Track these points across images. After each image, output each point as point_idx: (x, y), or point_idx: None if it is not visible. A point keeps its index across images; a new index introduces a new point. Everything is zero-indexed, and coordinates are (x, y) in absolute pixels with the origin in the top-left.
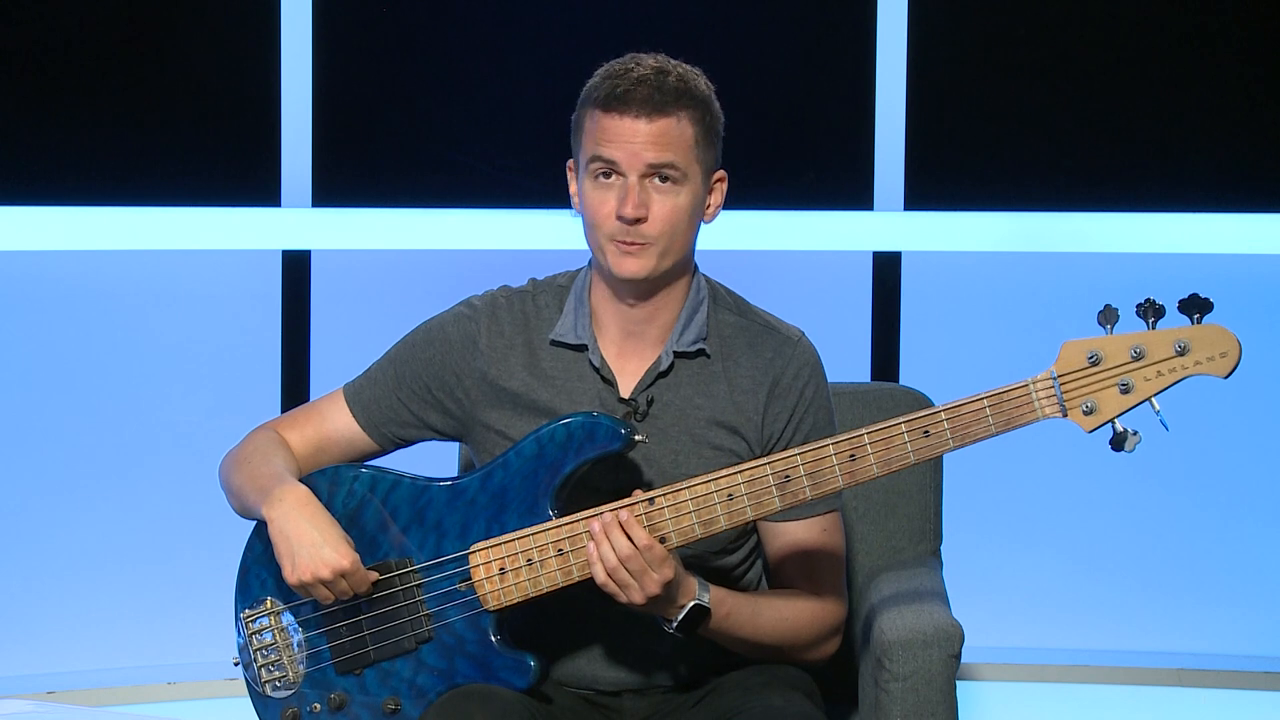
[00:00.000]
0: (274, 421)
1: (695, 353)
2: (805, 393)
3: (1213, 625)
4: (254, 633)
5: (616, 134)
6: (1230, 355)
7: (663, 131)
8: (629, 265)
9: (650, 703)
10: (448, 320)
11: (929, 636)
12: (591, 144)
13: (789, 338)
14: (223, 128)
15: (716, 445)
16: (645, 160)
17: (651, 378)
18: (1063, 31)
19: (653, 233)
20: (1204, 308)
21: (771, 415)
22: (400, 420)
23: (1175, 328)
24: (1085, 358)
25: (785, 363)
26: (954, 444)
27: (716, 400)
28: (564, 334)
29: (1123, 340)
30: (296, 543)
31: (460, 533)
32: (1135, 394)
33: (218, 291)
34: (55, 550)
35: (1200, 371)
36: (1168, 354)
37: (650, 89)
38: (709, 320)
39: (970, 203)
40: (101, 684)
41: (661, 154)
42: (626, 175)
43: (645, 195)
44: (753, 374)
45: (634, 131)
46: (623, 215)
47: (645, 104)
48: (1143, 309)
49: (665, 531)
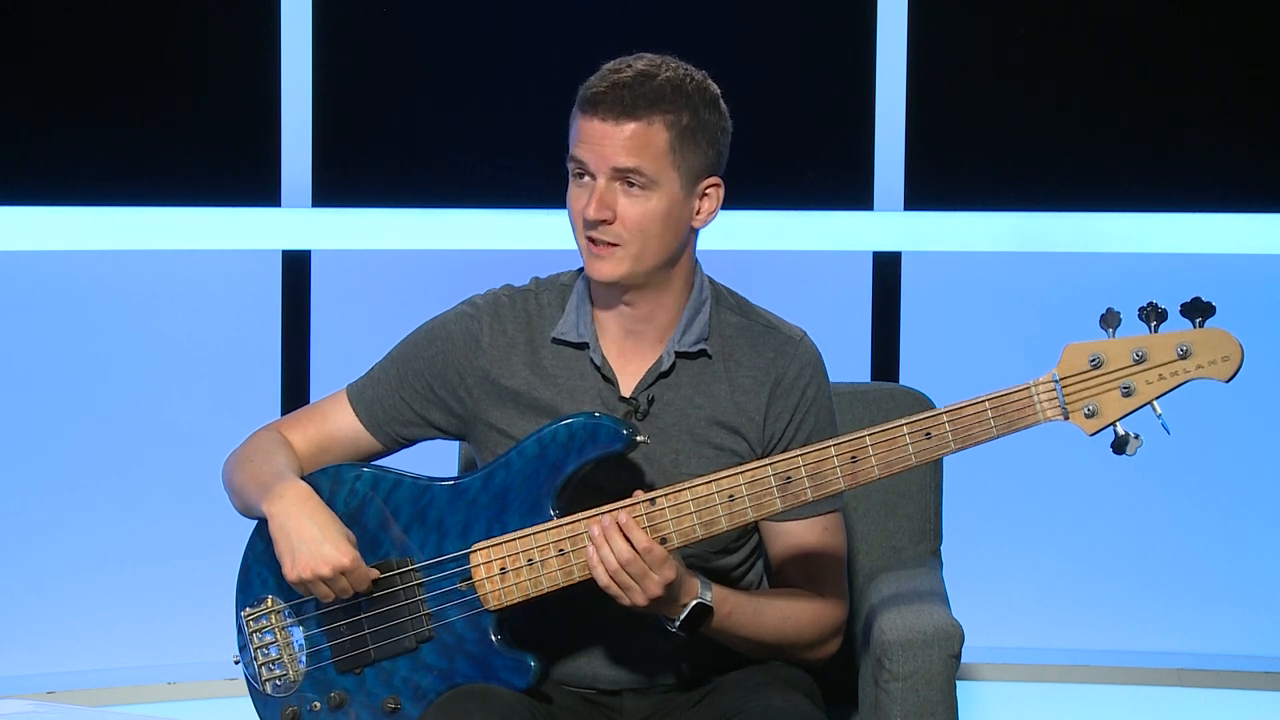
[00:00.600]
0: (276, 423)
1: (697, 353)
2: (807, 393)
3: (1213, 625)
4: (254, 631)
5: (587, 135)
6: (1232, 359)
7: (630, 136)
8: (601, 268)
9: (650, 702)
10: (450, 319)
11: (929, 636)
12: (572, 144)
13: (791, 337)
14: (223, 128)
15: (717, 445)
16: (610, 163)
17: (653, 377)
18: (1063, 31)
19: (622, 234)
20: (1206, 311)
21: (773, 415)
22: (403, 419)
23: (1177, 331)
24: (1087, 360)
25: (788, 363)
26: (955, 446)
27: (717, 400)
28: (565, 332)
29: (1125, 343)
30: (297, 539)
31: (461, 532)
32: (1137, 397)
33: (218, 291)
34: (55, 550)
35: (1202, 375)
36: (1170, 357)
37: (624, 92)
38: (711, 321)
39: (970, 203)
40: (101, 684)
41: (627, 158)
42: (595, 177)
43: (611, 197)
44: (755, 374)
45: (602, 134)
46: (586, 216)
47: (614, 107)
48: (1145, 312)
49: (666, 532)
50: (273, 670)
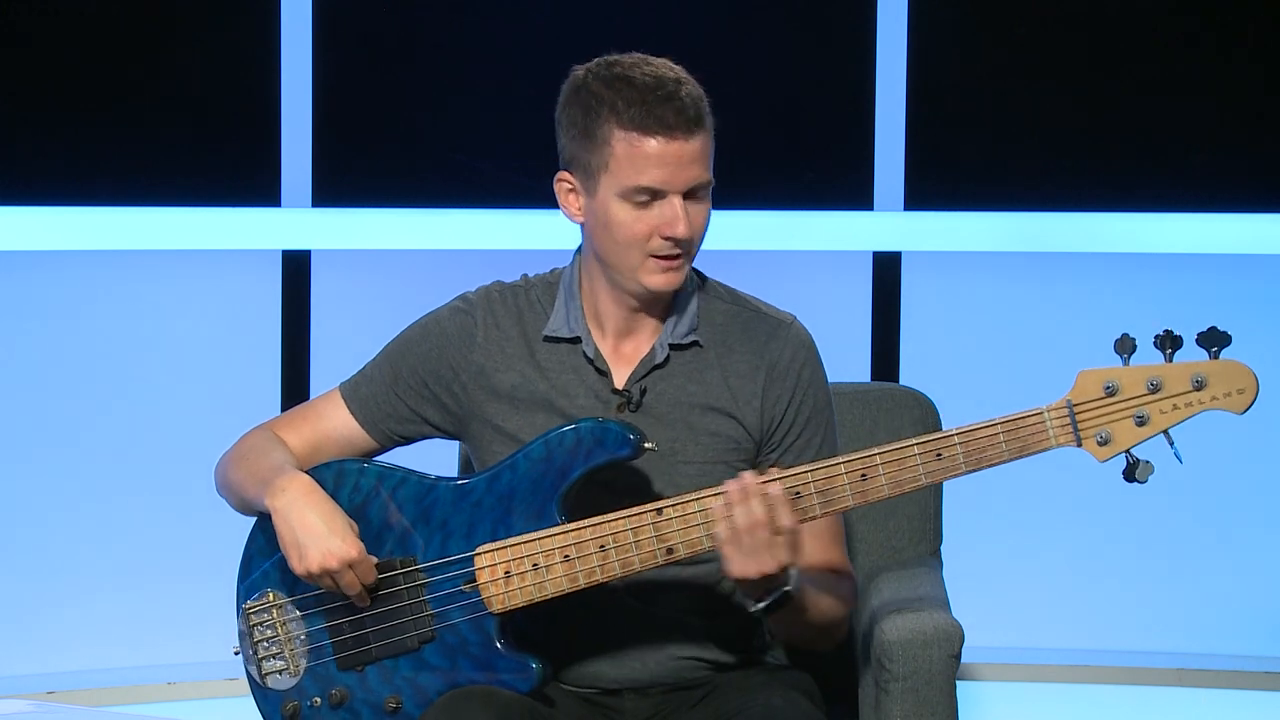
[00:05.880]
0: (269, 422)
1: (689, 344)
2: (803, 374)
3: (1213, 625)
4: (256, 625)
5: (658, 158)
6: (1247, 393)
7: (699, 152)
8: (669, 280)
9: (651, 703)
10: (444, 315)
11: (929, 636)
12: (631, 170)
13: (782, 322)
14: (223, 128)
15: (713, 431)
16: (692, 181)
17: (645, 369)
18: (1063, 31)
19: (691, 244)
20: (1222, 341)
21: (771, 399)
22: (398, 416)
23: (1193, 361)
24: (1101, 387)
25: (781, 346)
26: (966, 468)
27: (711, 387)
28: (557, 328)
29: (1140, 372)
30: (303, 533)
31: (466, 533)
32: (1150, 426)
33: (218, 291)
34: (55, 550)
35: (1217, 407)
36: (1185, 388)
37: (685, 107)
38: (700, 310)
39: (970, 203)
40: (101, 684)
41: (704, 171)
42: (668, 194)
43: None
44: (748, 359)
45: (679, 154)
46: (675, 236)
47: (683, 126)
48: (1161, 340)
49: (673, 543)
50: (274, 664)
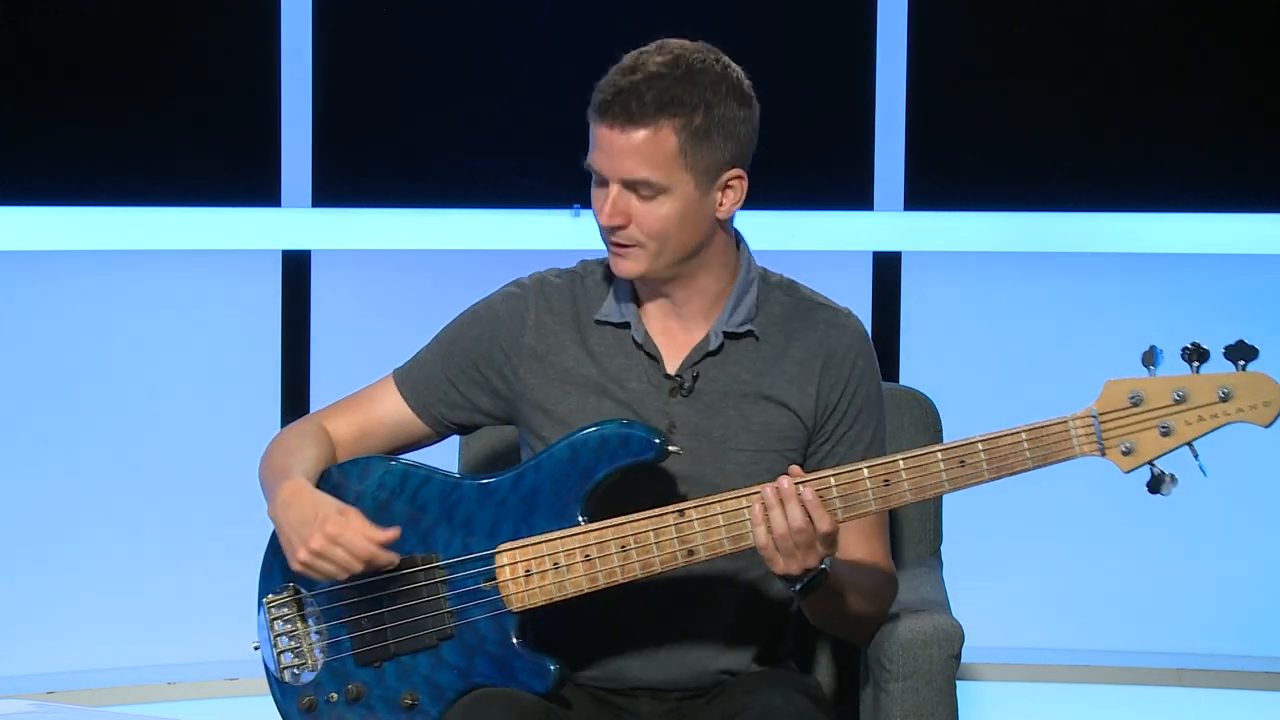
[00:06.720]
0: (318, 412)
1: (744, 333)
2: (858, 364)
3: (1213, 625)
4: (275, 619)
5: (599, 143)
6: (1274, 405)
7: (636, 147)
8: (622, 266)
9: (667, 705)
10: (496, 299)
11: (929, 636)
12: (589, 148)
13: (839, 312)
14: (222, 128)
15: (765, 420)
16: (619, 173)
17: (698, 356)
18: (1063, 32)
19: (638, 237)
20: (1249, 354)
21: (826, 387)
22: (449, 401)
23: (1219, 373)
24: (1127, 398)
25: (839, 336)
26: (989, 475)
27: (763, 377)
28: (608, 313)
29: (1165, 383)
30: (289, 529)
31: (489, 532)
32: (1175, 437)
33: (218, 291)
34: (55, 550)
35: (1242, 419)
36: (1210, 399)
37: (630, 98)
38: (758, 301)
39: (970, 203)
40: (101, 684)
41: (635, 169)
42: (609, 183)
43: (624, 203)
44: (806, 350)
45: (611, 142)
46: (599, 222)
47: (621, 115)
48: (1187, 352)
49: (694, 544)
50: (292, 659)
